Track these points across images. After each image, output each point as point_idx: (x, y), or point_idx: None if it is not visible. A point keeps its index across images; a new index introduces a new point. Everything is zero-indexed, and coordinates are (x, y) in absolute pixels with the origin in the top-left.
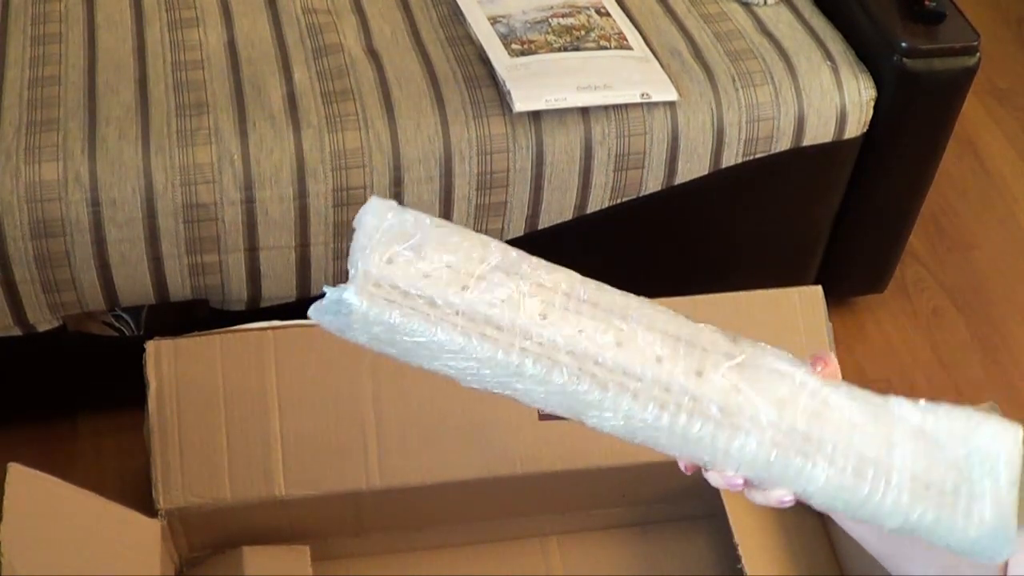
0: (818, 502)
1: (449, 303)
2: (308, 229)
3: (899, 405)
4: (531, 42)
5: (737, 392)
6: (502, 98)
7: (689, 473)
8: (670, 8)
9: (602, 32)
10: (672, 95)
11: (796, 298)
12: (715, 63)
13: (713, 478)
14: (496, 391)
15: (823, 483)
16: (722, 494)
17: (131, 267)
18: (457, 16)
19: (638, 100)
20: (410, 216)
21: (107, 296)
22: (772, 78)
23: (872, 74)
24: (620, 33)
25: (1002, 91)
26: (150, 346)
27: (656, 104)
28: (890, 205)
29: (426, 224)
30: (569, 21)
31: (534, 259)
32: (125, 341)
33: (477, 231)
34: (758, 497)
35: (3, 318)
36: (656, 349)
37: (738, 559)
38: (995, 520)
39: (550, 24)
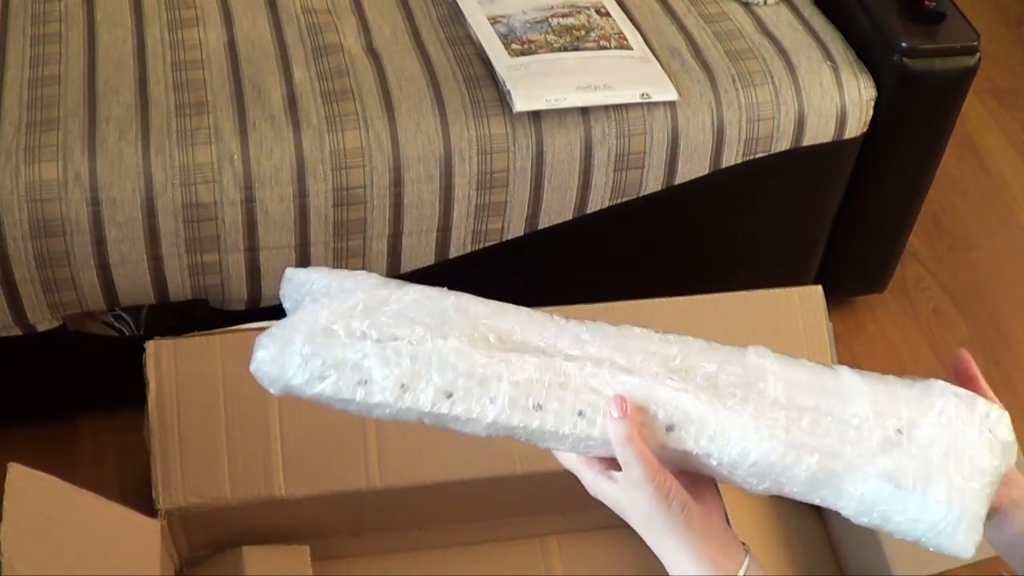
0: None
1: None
2: (308, 229)
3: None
4: (531, 42)
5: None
6: (502, 98)
7: None
8: (670, 8)
9: (602, 32)
10: (672, 95)
11: (796, 298)
12: (715, 63)
13: None
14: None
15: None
16: (722, 493)
17: (131, 267)
18: (457, 16)
19: (638, 100)
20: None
21: (107, 296)
22: (772, 78)
23: (872, 74)
24: (620, 33)
25: (1002, 91)
26: (150, 346)
27: (656, 104)
28: (890, 205)
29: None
30: (569, 21)
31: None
32: (125, 341)
33: (477, 231)
34: None
35: (3, 318)
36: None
37: None
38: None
39: (550, 24)
